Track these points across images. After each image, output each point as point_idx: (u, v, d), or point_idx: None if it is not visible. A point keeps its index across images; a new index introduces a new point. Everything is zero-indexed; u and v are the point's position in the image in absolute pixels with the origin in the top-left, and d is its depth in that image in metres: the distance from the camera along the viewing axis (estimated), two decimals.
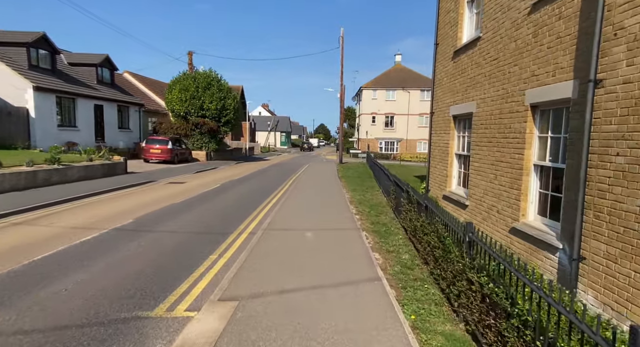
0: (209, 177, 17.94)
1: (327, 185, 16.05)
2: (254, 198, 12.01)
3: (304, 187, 14.88)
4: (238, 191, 13.70)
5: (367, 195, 13.07)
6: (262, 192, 13.31)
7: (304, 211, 9.77)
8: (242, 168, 24.34)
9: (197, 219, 8.65)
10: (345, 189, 14.50)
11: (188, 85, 27.04)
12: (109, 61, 25.32)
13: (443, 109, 10.17)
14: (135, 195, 12.09)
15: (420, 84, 46.38)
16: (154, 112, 30.22)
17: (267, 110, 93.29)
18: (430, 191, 10.84)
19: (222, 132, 28.85)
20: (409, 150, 46.79)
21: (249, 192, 13.31)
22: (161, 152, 22.71)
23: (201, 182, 15.82)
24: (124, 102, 25.51)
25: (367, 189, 14.60)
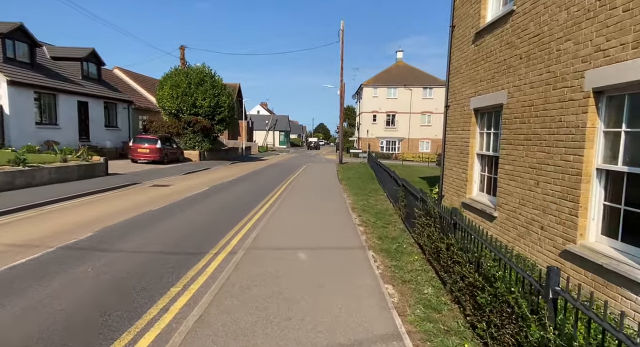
0: (198, 179, 16.51)
1: (326, 188, 14.61)
2: (243, 204, 10.59)
3: (300, 191, 13.45)
4: (227, 195, 12.27)
5: (370, 200, 11.64)
6: (253, 197, 11.88)
7: (299, 221, 8.35)
8: (237, 169, 22.92)
9: (169, 232, 7.22)
10: (346, 193, 13.07)
11: (180, 81, 25.59)
12: (95, 55, 23.87)
13: (461, 102, 8.74)
14: (109, 200, 10.66)
15: (423, 81, 44.95)
16: (145, 109, 28.79)
17: (266, 109, 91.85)
18: (444, 197, 9.41)
19: (216, 131, 27.42)
20: (411, 150, 45.37)
21: (239, 197, 11.88)
22: (149, 152, 21.27)
23: (188, 185, 14.40)
24: (112, 99, 24.07)
25: (370, 193, 13.18)
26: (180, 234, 7.15)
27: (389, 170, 12.39)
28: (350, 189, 14.20)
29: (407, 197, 8.23)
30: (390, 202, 11.40)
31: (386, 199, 11.94)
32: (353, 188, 14.40)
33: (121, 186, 13.22)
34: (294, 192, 12.94)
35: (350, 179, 17.58)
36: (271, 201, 11.19)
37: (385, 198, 12.23)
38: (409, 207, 7.90)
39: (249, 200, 11.30)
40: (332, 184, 15.82)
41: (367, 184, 15.92)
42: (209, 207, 9.90)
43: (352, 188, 14.40)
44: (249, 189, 13.80)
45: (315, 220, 8.50)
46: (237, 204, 10.66)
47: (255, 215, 9.10)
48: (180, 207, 9.71)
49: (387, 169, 13.11)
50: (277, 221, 8.34)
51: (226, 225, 7.98)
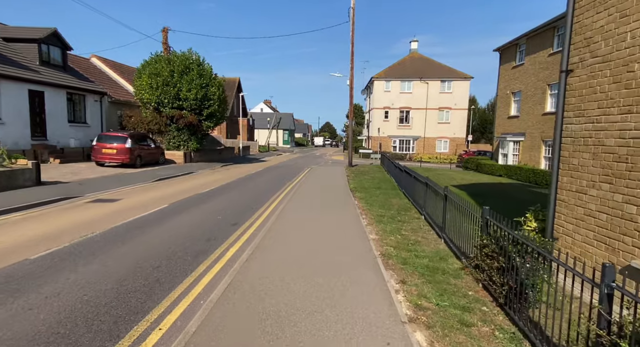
0: (166, 189, 12.49)
1: (335, 205, 10.46)
2: (203, 239, 6.50)
3: (296, 211, 9.31)
4: (189, 219, 8.19)
5: (405, 231, 7.47)
6: (222, 226, 7.79)
7: (284, 304, 4.24)
8: (226, 173, 18.89)
9: (35, 312, 3.16)
10: (364, 216, 8.89)
11: (160, 69, 21.60)
12: (58, 37, 19.96)
13: (613, 58, 4.49)
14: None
15: (441, 73, 40.56)
16: (125, 103, 24.89)
17: (270, 106, 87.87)
18: (557, 240, 5.17)
19: (204, 128, 23.40)
20: (427, 150, 41.01)
21: (199, 226, 7.77)
22: (117, 153, 17.31)
23: (145, 200, 10.39)
24: (79, 90, 20.16)
25: (399, 215, 9.02)
26: (53, 319, 3.07)
27: (429, 182, 8.18)
28: (370, 207, 10.03)
29: (497, 240, 4.06)
30: (435, 231, 7.24)
31: (427, 227, 7.76)
32: (373, 205, 10.23)
33: (44, 203, 9.25)
34: (286, 217, 8.80)
35: (367, 190, 13.40)
36: (245, 236, 7.05)
37: (423, 224, 8.05)
38: (503, 257, 3.74)
39: (211, 233, 7.19)
40: (343, 198, 11.66)
41: (389, 197, 11.74)
42: (143, 247, 5.83)
43: (371, 206, 10.23)
44: (222, 209, 9.70)
45: (315, 294, 4.36)
46: (194, 238, 6.55)
47: (213, 268, 5.03)
48: (85, 253, 5.64)
49: (424, 179, 8.89)
50: (245, 289, 4.25)
51: (153, 292, 3.93)
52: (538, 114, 21.75)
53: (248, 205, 10.12)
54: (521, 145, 23.42)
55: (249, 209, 9.48)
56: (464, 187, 15.03)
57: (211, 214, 8.77)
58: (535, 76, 22.08)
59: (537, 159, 21.65)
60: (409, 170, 11.76)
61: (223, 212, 9.07)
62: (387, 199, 11.52)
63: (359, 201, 10.98)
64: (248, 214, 8.83)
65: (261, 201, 10.77)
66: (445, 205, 6.61)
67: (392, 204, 10.56)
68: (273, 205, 10.14)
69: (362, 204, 10.42)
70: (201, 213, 8.86)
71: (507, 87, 25.50)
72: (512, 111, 25.07)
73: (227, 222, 8.00)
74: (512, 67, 24.97)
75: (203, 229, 7.30)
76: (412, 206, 10.29)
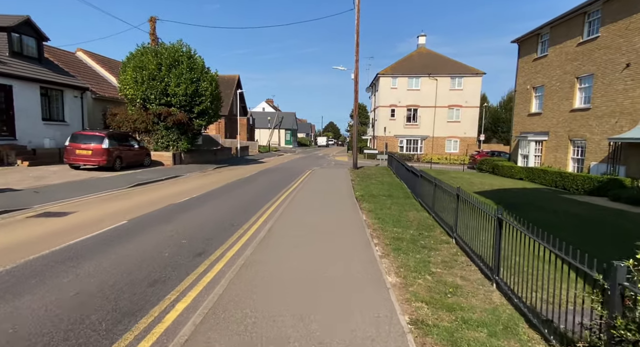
0: (137, 198, 10.49)
1: (336, 224, 8.38)
2: (146, 283, 4.46)
3: (287, 234, 7.24)
4: (144, 243, 6.14)
5: (433, 262, 5.39)
6: (185, 255, 5.74)
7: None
8: (216, 177, 16.89)
9: None
10: (375, 239, 6.80)
11: (146, 62, 19.62)
12: (32, 26, 18.05)
13: None
14: None
15: (450, 69, 38.30)
16: (111, 100, 22.95)
17: (272, 105, 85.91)
18: None
19: (196, 126, 21.39)
20: (436, 151, 38.78)
21: (156, 255, 5.72)
22: (92, 154, 15.34)
23: (104, 213, 8.40)
24: (55, 84, 18.22)
25: (421, 236, 6.93)
26: None
27: (481, 206, 6.09)
28: (382, 224, 7.94)
29: None
30: (476, 266, 5.15)
31: (464, 258, 5.66)
32: (385, 222, 8.14)
33: None
34: (271, 243, 6.72)
35: (375, 198, 11.30)
36: (208, 276, 4.97)
37: (456, 251, 5.95)
38: None
39: (162, 271, 5.13)
40: (347, 212, 9.58)
41: (404, 209, 9.64)
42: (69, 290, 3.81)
43: (383, 222, 8.14)
44: (192, 228, 7.65)
45: None
46: (119, 294, 4.50)
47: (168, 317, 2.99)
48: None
49: (475, 203, 6.78)
50: None
51: None
52: (564, 111, 19.53)
53: (228, 222, 8.07)
54: (544, 145, 21.19)
55: (226, 229, 7.41)
56: (489, 195, 12.88)
57: (176, 236, 6.72)
58: (561, 69, 19.86)
59: (564, 160, 19.43)
60: (428, 176, 9.63)
61: (191, 233, 7.02)
62: (401, 211, 9.42)
63: (368, 215, 8.87)
64: (222, 237, 6.77)
65: (245, 216, 8.70)
66: (499, 235, 4.51)
67: (409, 219, 8.46)
68: (259, 222, 8.06)
69: (371, 220, 8.33)
70: (162, 235, 6.80)
71: (527, 81, 23.28)
72: (533, 108, 22.84)
73: (191, 250, 5.95)
74: (533, 60, 22.75)
75: (154, 264, 5.25)
76: (435, 222, 8.18)
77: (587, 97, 18.19)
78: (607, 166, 16.17)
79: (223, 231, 7.21)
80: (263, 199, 11.04)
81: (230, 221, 8.16)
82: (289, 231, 7.12)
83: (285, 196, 11.62)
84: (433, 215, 8.70)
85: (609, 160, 16.14)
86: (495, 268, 4.61)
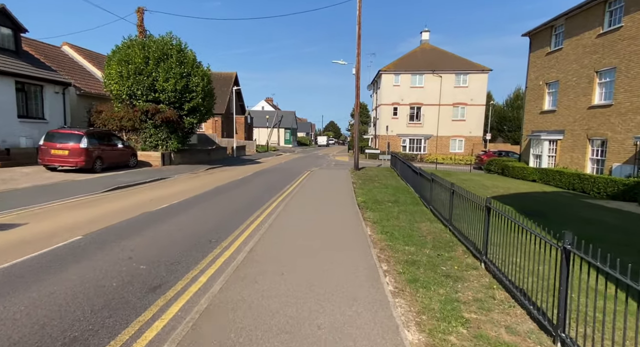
0: (109, 205, 9.14)
1: (335, 241, 7.02)
2: (62, 341, 3.11)
3: (276, 249, 5.87)
4: (93, 269, 4.78)
5: (463, 301, 4.05)
6: (139, 287, 4.38)
7: None
8: (206, 179, 15.54)
9: None
10: (384, 263, 5.43)
11: (132, 56, 18.27)
12: (7, 16, 16.67)
13: None
14: None
15: (455, 66, 36.89)
16: (97, 96, 21.59)
17: (271, 104, 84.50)
18: None
19: (186, 124, 20.03)
20: (440, 150, 37.39)
21: (100, 288, 4.36)
22: (69, 155, 13.99)
23: (61, 225, 7.09)
24: (34, 79, 16.88)
25: (440, 259, 5.59)
26: None
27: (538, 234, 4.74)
28: (390, 240, 6.57)
29: None
30: (523, 308, 3.80)
31: (501, 292, 4.32)
32: (394, 237, 6.78)
33: None
34: (251, 271, 5.37)
35: (380, 205, 9.94)
36: (160, 322, 3.62)
37: (489, 281, 4.60)
38: None
39: (100, 317, 3.77)
40: (348, 223, 8.22)
41: (414, 219, 8.28)
42: None
43: (392, 237, 6.78)
44: (159, 248, 6.29)
45: None
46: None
47: None
48: None
49: (530, 231, 5.42)
50: None
51: None
52: (582, 108, 18.14)
53: (205, 237, 6.71)
54: (559, 145, 19.80)
55: (200, 248, 6.06)
56: (507, 200, 11.49)
57: (135, 259, 5.36)
58: (578, 62, 18.46)
59: (581, 161, 18.04)
60: (442, 180, 8.25)
61: (156, 253, 5.66)
62: (411, 222, 8.06)
63: (373, 228, 7.51)
64: (192, 261, 5.41)
65: (227, 229, 7.35)
66: (567, 272, 3.15)
67: (422, 233, 7.10)
68: (241, 238, 6.69)
69: (378, 235, 6.96)
70: (119, 257, 5.45)
71: (540, 77, 21.88)
72: (546, 105, 21.44)
73: (147, 281, 4.60)
74: (546, 54, 21.34)
75: (86, 306, 3.89)
76: (454, 237, 6.82)
77: (608, 92, 16.79)
78: (633, 168, 14.78)
79: (196, 251, 5.85)
80: (252, 207, 9.69)
81: (208, 235, 6.81)
82: (274, 251, 5.76)
83: (277, 203, 10.26)
84: (450, 228, 7.34)
85: (636, 161, 14.76)
86: (559, 319, 3.25)
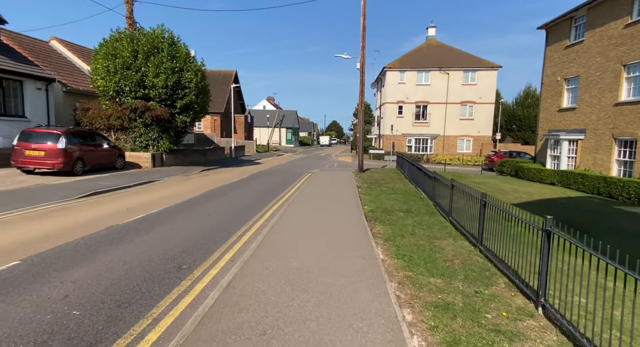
0: (76, 215, 7.81)
1: (338, 266, 5.65)
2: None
3: (260, 283, 4.51)
4: (27, 308, 3.44)
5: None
6: (81, 333, 3.01)
7: None
8: (199, 182, 14.22)
9: None
10: (408, 308, 4.07)
11: (120, 49, 16.97)
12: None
13: None
14: None
15: (463, 62, 35.41)
16: (86, 94, 20.32)
17: (273, 104, 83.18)
18: None
19: (179, 123, 18.72)
20: (447, 151, 35.93)
21: (22, 340, 3.00)
22: (45, 156, 12.71)
23: (4, 244, 5.72)
24: (12, 74, 15.59)
25: (480, 297, 4.20)
26: None
27: None
28: (409, 268, 5.19)
29: None
30: None
31: None
32: (414, 262, 5.40)
33: None
34: (237, 300, 3.99)
35: (391, 216, 8.55)
36: None
37: (558, 342, 3.23)
38: None
39: None
40: (354, 245, 6.85)
41: (433, 235, 6.90)
42: None
43: (410, 263, 5.40)
44: (126, 271, 4.95)
45: None
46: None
47: None
48: None
49: None
50: None
51: None
52: (607, 105, 16.67)
53: (175, 262, 5.36)
54: (580, 145, 18.33)
55: (165, 279, 4.71)
56: (534, 208, 10.06)
57: (71, 298, 4.02)
58: (603, 55, 16.99)
59: (606, 163, 16.58)
60: (469, 189, 6.86)
61: (102, 290, 4.31)
62: (430, 239, 6.68)
63: (386, 248, 6.12)
64: (147, 302, 4.06)
65: (204, 250, 5.99)
66: None
67: (447, 256, 5.71)
68: (219, 265, 5.32)
69: (392, 260, 5.57)
70: (52, 295, 4.10)
71: (558, 72, 20.40)
72: (564, 102, 19.97)
73: (77, 337, 3.24)
74: (564, 47, 19.87)
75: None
76: (487, 261, 5.44)
77: (637, 88, 15.33)
78: None
79: (157, 284, 4.50)
80: (241, 218, 8.33)
81: (179, 258, 5.46)
82: (259, 285, 4.40)
83: (270, 214, 8.89)
84: (481, 248, 5.94)
85: None
86: None
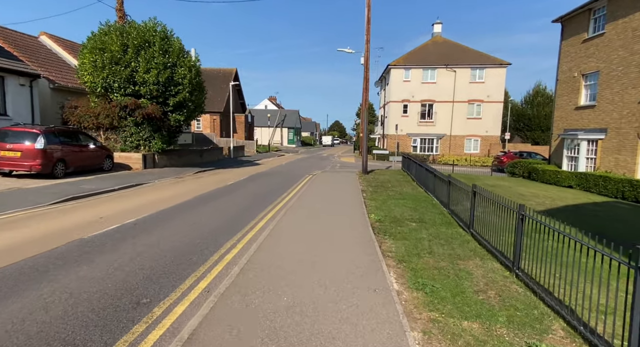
0: (38, 227, 6.73)
1: (341, 308, 4.49)
2: None
3: (243, 327, 3.37)
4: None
5: None
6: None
7: None
8: (191, 185, 13.14)
9: None
10: None
11: (108, 43, 15.92)
12: None
13: None
14: None
15: (470, 60, 34.17)
16: (75, 91, 19.26)
17: (275, 103, 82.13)
18: None
19: (172, 122, 17.65)
20: (454, 151, 34.69)
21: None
22: (22, 157, 11.67)
23: None
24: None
25: (530, 345, 3.07)
26: None
27: None
28: (433, 303, 4.08)
29: None
30: None
31: None
32: (439, 296, 4.29)
33: None
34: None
35: (401, 226, 7.40)
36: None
37: None
38: None
39: None
40: (360, 271, 5.73)
41: (453, 250, 5.77)
42: None
43: (433, 297, 4.29)
44: (68, 307, 3.82)
45: None
46: None
47: None
48: None
49: None
50: None
51: None
52: (631, 102, 15.44)
53: (133, 294, 4.24)
54: (600, 145, 17.11)
55: (117, 319, 3.61)
56: (561, 217, 8.89)
57: None
58: (626, 49, 15.76)
59: (630, 164, 15.36)
60: (498, 198, 5.71)
61: (25, 339, 3.20)
62: (453, 259, 5.53)
63: (400, 274, 4.97)
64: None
65: (173, 275, 4.88)
66: None
67: (478, 284, 4.58)
68: (189, 298, 4.20)
69: (411, 293, 4.43)
70: None
71: (575, 67, 19.17)
72: (582, 100, 18.74)
73: None
74: (582, 41, 18.64)
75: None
76: (528, 290, 4.30)
77: None
78: None
79: (100, 331, 3.38)
80: (229, 230, 7.21)
81: (141, 288, 4.35)
82: (230, 342, 3.27)
83: (262, 225, 7.75)
84: (518, 273, 4.79)
85: None
86: None
